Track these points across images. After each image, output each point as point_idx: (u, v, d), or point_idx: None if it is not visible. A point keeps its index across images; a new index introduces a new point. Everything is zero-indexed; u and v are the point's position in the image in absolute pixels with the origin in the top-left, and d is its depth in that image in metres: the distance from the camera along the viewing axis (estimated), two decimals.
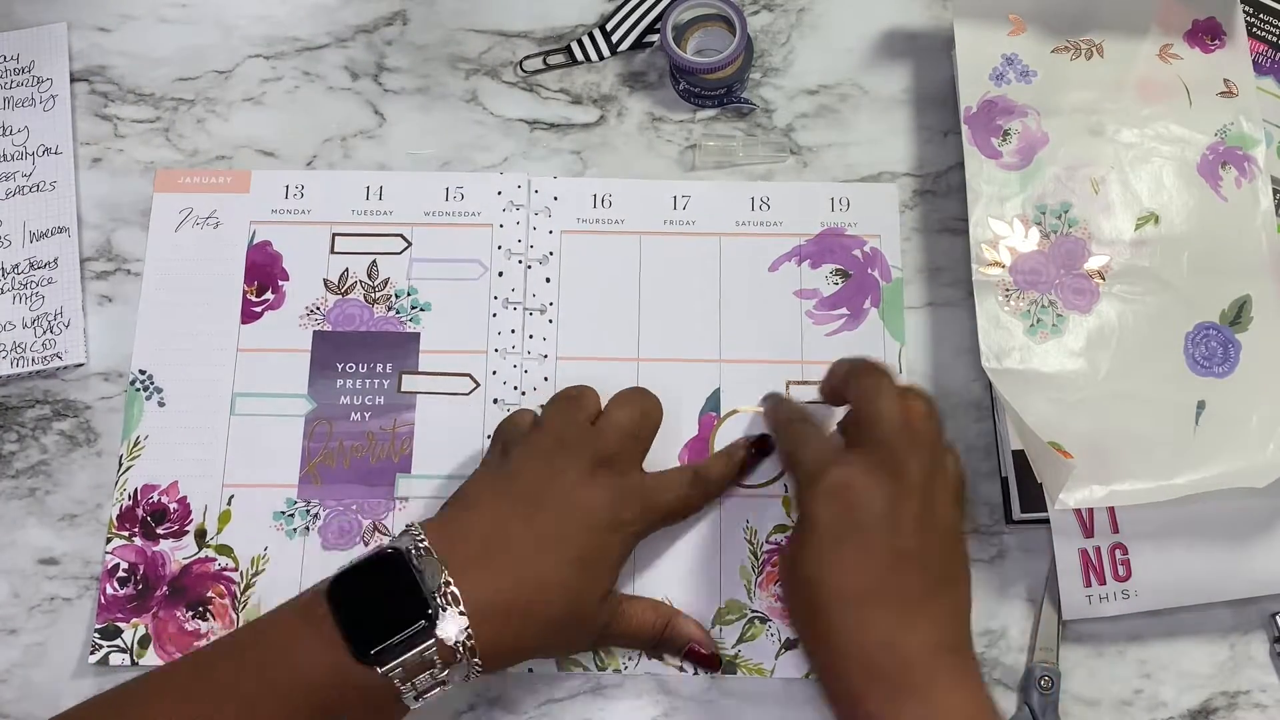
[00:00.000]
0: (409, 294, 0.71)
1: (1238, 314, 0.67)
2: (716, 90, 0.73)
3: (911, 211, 0.73)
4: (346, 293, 0.71)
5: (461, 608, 0.54)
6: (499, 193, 0.73)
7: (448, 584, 0.54)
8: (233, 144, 0.74)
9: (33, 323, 0.70)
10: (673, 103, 0.75)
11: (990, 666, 0.65)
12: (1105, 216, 0.68)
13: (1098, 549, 0.64)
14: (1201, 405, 0.65)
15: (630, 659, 0.65)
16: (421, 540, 0.56)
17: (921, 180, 0.73)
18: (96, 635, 0.65)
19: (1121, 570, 0.64)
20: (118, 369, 0.70)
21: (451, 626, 0.53)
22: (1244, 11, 0.72)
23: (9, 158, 0.74)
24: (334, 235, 0.72)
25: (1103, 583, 0.64)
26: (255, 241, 0.72)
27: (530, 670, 0.65)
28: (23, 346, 0.70)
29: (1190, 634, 0.65)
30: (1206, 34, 0.72)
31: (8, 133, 0.74)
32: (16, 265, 0.71)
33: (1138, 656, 0.65)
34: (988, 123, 0.69)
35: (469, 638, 0.54)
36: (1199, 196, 0.68)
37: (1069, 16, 0.71)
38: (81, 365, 0.70)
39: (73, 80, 0.75)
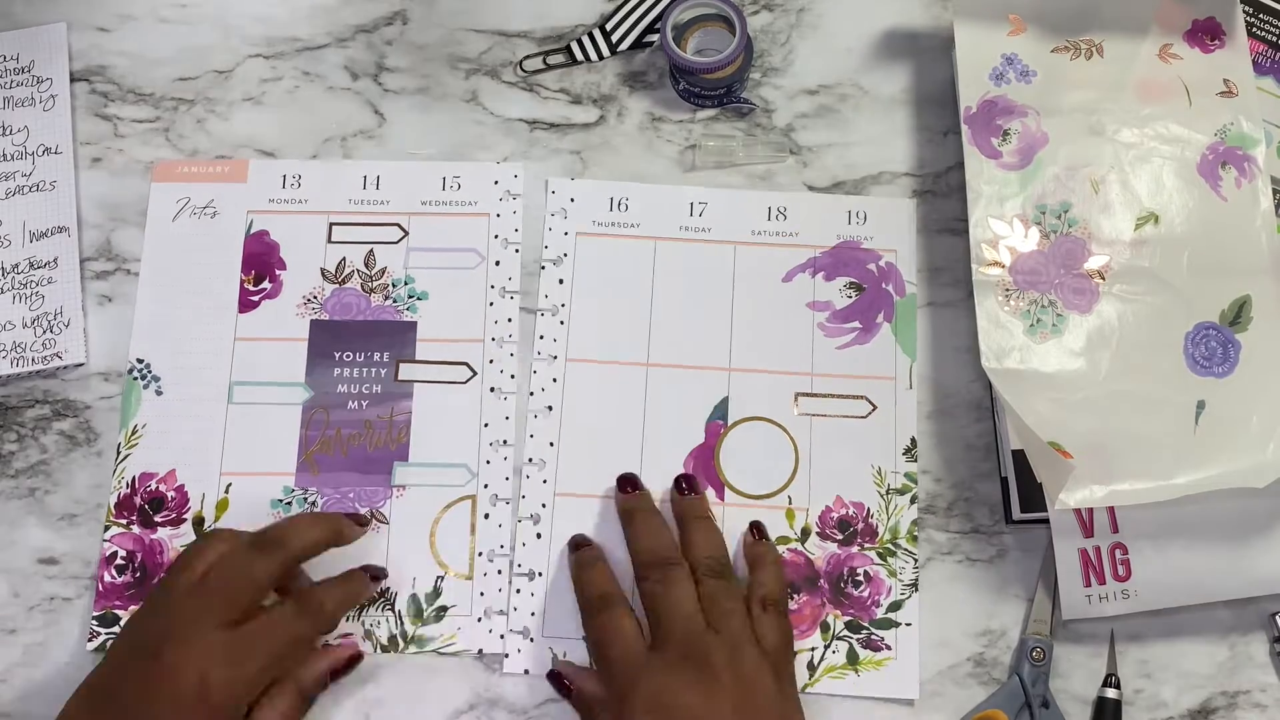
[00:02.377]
0: (406, 283, 0.71)
1: (1237, 314, 0.66)
2: (716, 90, 0.73)
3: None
4: (344, 282, 0.71)
5: None
6: (495, 182, 0.73)
7: None
8: (232, 144, 0.74)
9: (33, 322, 0.70)
10: (673, 103, 0.75)
11: (989, 666, 0.65)
12: (1105, 216, 0.68)
13: (1097, 549, 0.64)
14: (1201, 405, 0.65)
15: None
16: None
17: (921, 180, 0.73)
18: (94, 623, 0.65)
19: (1121, 570, 0.64)
20: (117, 369, 0.70)
21: None
22: (1244, 11, 0.72)
23: (9, 158, 0.74)
24: (331, 225, 0.72)
25: (1103, 582, 0.64)
26: (252, 231, 0.72)
27: (527, 671, 0.65)
28: (23, 346, 0.70)
29: (1190, 634, 0.65)
30: (1206, 34, 0.72)
31: (8, 133, 0.74)
32: (16, 265, 0.71)
33: (1138, 656, 0.65)
34: (988, 123, 0.69)
35: None
36: (1199, 196, 0.68)
37: (1069, 16, 0.71)
38: (81, 365, 0.70)
39: (73, 80, 0.75)
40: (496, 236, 0.72)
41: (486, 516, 0.67)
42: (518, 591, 0.66)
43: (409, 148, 0.74)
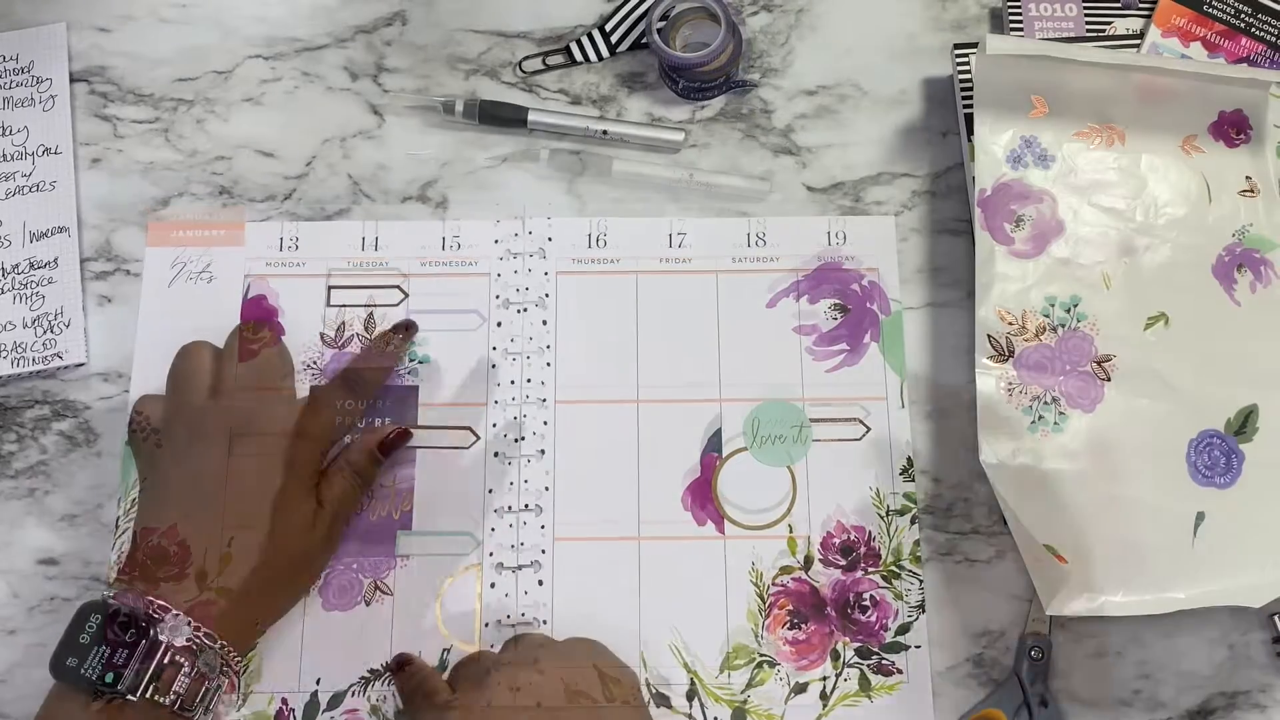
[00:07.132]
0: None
1: (1243, 423, 0.64)
2: (715, 80, 0.73)
3: (911, 212, 0.73)
4: (343, 345, 0.70)
5: (175, 611, 0.58)
6: (496, 241, 0.72)
7: (151, 602, 0.58)
8: (232, 144, 0.74)
9: (33, 323, 0.70)
10: (672, 103, 0.75)
11: (989, 666, 0.65)
12: (1115, 313, 0.65)
13: None
14: (1201, 516, 0.63)
15: None
16: (110, 582, 0.59)
17: (921, 180, 0.73)
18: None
19: None
20: (118, 369, 0.70)
21: (175, 628, 0.57)
22: (1243, 13, 0.72)
23: (9, 158, 0.74)
24: (330, 287, 0.71)
25: None
26: (250, 295, 0.71)
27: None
28: (23, 346, 0.70)
29: (1190, 634, 0.65)
30: (1233, 128, 0.69)
31: (8, 133, 0.74)
32: (17, 265, 0.72)
33: (1137, 657, 0.65)
34: (1002, 207, 0.67)
35: (196, 628, 0.58)
36: (1212, 299, 0.66)
37: (1093, 100, 0.68)
38: (82, 365, 0.70)
39: (72, 80, 0.76)
40: (498, 297, 0.71)
41: (493, 585, 0.66)
42: None
43: (408, 148, 0.74)
